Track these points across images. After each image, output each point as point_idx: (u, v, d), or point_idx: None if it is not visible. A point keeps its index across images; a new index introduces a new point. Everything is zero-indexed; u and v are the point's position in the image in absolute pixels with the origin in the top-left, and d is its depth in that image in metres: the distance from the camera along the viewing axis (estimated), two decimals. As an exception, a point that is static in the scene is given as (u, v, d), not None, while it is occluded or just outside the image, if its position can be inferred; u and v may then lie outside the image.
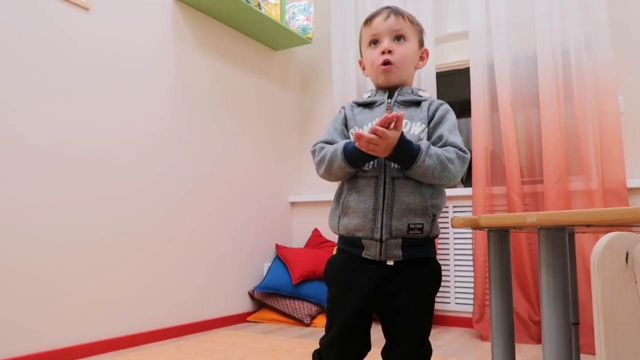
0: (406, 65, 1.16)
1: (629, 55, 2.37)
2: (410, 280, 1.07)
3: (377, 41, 1.16)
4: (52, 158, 1.93)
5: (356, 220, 1.08)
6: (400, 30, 1.15)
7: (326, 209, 3.18)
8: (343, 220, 1.11)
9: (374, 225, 1.06)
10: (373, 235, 1.06)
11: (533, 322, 2.31)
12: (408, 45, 1.16)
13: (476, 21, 2.62)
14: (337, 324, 1.10)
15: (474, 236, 2.51)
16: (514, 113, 2.49)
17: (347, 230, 1.10)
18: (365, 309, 1.09)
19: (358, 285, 1.09)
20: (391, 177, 1.06)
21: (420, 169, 1.02)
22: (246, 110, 2.96)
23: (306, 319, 2.67)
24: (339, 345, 1.09)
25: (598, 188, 2.25)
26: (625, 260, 0.59)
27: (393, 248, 1.05)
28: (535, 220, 0.76)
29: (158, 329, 2.30)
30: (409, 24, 1.17)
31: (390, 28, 1.15)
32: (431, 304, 1.11)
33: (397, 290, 1.07)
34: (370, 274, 1.08)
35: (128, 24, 2.27)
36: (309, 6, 3.14)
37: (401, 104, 1.14)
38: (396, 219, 1.05)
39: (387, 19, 1.15)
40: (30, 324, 1.82)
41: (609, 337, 0.59)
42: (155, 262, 2.32)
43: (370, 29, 1.18)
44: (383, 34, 1.15)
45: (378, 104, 1.16)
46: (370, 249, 1.07)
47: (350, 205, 1.09)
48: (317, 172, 1.17)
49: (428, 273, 1.10)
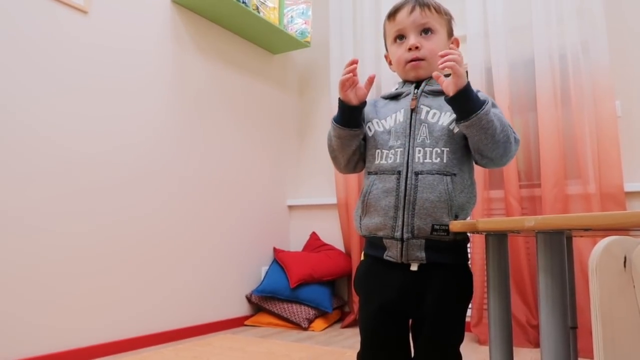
0: (436, 58, 1.02)
1: (625, 59, 2.38)
2: (435, 288, 1.00)
3: (403, 36, 1.09)
4: (47, 160, 1.93)
5: (377, 219, 1.02)
6: (427, 23, 1.07)
7: (324, 212, 3.18)
8: (364, 219, 1.05)
9: (395, 223, 1.00)
10: (394, 234, 1.00)
11: (531, 326, 2.31)
12: (436, 39, 1.08)
13: (474, 26, 2.63)
14: (366, 335, 1.06)
15: (472, 240, 2.51)
16: (511, 117, 2.49)
17: (368, 230, 1.05)
18: (391, 316, 1.04)
19: (381, 293, 1.04)
20: (414, 172, 1.00)
21: (484, 120, 0.94)
22: (244, 113, 2.96)
23: (304, 323, 2.67)
24: (374, 356, 1.05)
25: (595, 192, 2.25)
26: (624, 265, 0.60)
27: (415, 249, 0.99)
28: (533, 224, 0.76)
29: (155, 333, 2.29)
30: (436, 14, 1.08)
31: (416, 22, 1.06)
32: (460, 314, 1.04)
33: (421, 297, 1.01)
34: (392, 281, 1.02)
35: (126, 26, 2.27)
36: (308, 10, 3.14)
37: (429, 94, 1.07)
38: (419, 218, 0.98)
39: (412, 12, 1.07)
40: (24, 328, 1.81)
41: (607, 341, 0.59)
42: (152, 265, 2.31)
43: (394, 24, 1.09)
44: (409, 28, 1.07)
45: (404, 95, 1.10)
46: (392, 249, 1.01)
47: (372, 203, 1.03)
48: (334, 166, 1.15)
49: (455, 281, 1.03)
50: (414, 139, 1.03)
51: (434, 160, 1.00)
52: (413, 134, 1.03)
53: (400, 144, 1.04)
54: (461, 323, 1.05)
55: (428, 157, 1.01)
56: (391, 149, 1.05)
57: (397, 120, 1.07)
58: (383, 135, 1.07)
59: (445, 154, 1.01)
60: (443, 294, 1.01)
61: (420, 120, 1.04)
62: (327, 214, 3.17)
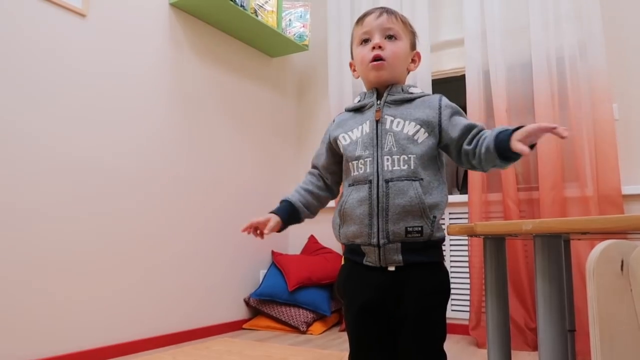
0: (397, 62, 1.12)
1: (622, 62, 2.39)
2: (413, 287, 1.04)
3: (369, 39, 1.13)
4: (47, 164, 1.92)
5: (354, 227, 1.07)
6: (392, 29, 1.12)
7: (322, 216, 3.16)
8: (342, 228, 1.11)
9: (371, 230, 1.04)
10: (370, 241, 1.04)
11: (529, 329, 2.31)
12: (400, 44, 1.12)
13: (471, 28, 2.64)
14: (352, 336, 1.10)
15: (470, 243, 2.51)
16: (509, 119, 2.50)
17: (347, 238, 1.10)
18: (372, 315, 1.07)
19: (361, 294, 1.08)
20: (385, 179, 1.04)
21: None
22: (242, 116, 2.96)
23: (302, 326, 2.66)
24: (363, 357, 1.09)
25: (593, 195, 2.26)
26: (621, 268, 0.60)
27: (392, 253, 1.03)
28: (530, 227, 0.76)
29: (153, 337, 2.29)
30: (402, 24, 1.14)
31: (381, 26, 1.12)
32: (439, 311, 1.07)
33: (400, 297, 1.04)
34: (371, 281, 1.06)
35: (124, 29, 2.27)
36: (306, 13, 3.15)
37: (391, 104, 1.11)
38: (392, 223, 1.02)
39: (379, 17, 1.13)
40: (22, 331, 1.80)
41: (605, 344, 0.59)
42: (150, 268, 2.31)
43: (361, 27, 1.15)
44: (374, 31, 1.12)
45: (368, 107, 1.13)
46: (370, 255, 1.05)
47: (347, 213, 1.08)
48: None
49: (433, 279, 1.06)
50: (382, 148, 1.07)
51: (402, 167, 1.04)
52: (380, 144, 1.07)
53: (369, 154, 1.08)
54: (442, 321, 1.07)
55: (396, 165, 1.05)
56: (359, 159, 1.09)
57: (364, 131, 1.11)
58: (350, 147, 1.12)
59: (412, 160, 1.04)
60: (421, 292, 1.04)
61: (386, 130, 1.08)
62: (326, 217, 3.14)
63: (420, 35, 1.26)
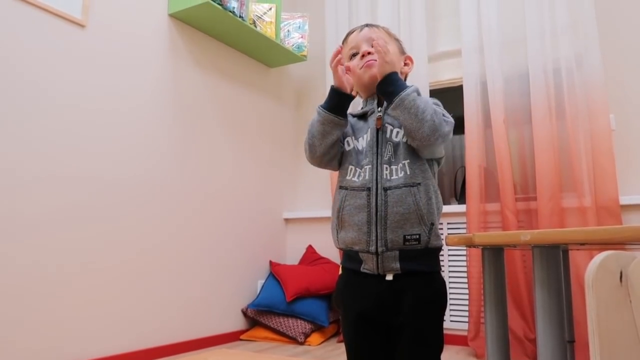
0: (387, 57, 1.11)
1: (619, 73, 2.41)
2: (410, 296, 1.04)
3: (357, 53, 1.17)
4: (46, 173, 1.92)
5: (352, 234, 1.07)
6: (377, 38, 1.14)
7: (320, 225, 3.18)
8: (341, 234, 1.11)
9: (369, 238, 1.05)
10: (369, 249, 1.05)
11: (528, 340, 2.30)
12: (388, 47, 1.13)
13: (469, 39, 2.65)
14: (349, 345, 1.10)
15: (469, 253, 2.51)
16: (507, 130, 2.51)
17: (345, 244, 1.10)
18: (370, 324, 1.07)
19: (358, 303, 1.08)
20: (383, 187, 1.05)
21: (406, 101, 1.02)
22: (241, 126, 2.97)
23: (300, 337, 2.65)
24: None
25: (591, 205, 2.26)
26: (620, 280, 0.60)
27: (390, 261, 1.04)
28: (529, 238, 0.76)
29: (150, 347, 2.27)
30: (384, 33, 1.19)
31: (366, 37, 1.16)
32: (436, 321, 1.07)
33: (397, 306, 1.05)
34: (369, 290, 1.07)
35: (124, 40, 2.28)
36: (304, 24, 3.17)
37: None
38: (391, 231, 1.03)
39: (362, 31, 1.18)
40: (20, 343, 1.78)
41: (604, 355, 0.59)
42: (147, 279, 2.30)
43: (347, 44, 1.19)
44: (360, 43, 1.16)
45: (370, 114, 1.16)
46: (368, 262, 1.06)
47: (346, 219, 1.09)
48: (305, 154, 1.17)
49: (429, 288, 1.07)
50: (381, 157, 1.09)
51: (399, 175, 1.06)
52: (380, 152, 1.09)
53: (369, 162, 1.09)
54: (439, 330, 1.07)
55: (394, 174, 1.07)
56: (358, 166, 1.11)
57: (367, 139, 1.13)
58: (357, 155, 1.13)
59: (407, 165, 1.06)
60: (419, 302, 1.04)
61: (386, 139, 1.10)
62: (324, 227, 3.17)
63: (418, 46, 1.28)
